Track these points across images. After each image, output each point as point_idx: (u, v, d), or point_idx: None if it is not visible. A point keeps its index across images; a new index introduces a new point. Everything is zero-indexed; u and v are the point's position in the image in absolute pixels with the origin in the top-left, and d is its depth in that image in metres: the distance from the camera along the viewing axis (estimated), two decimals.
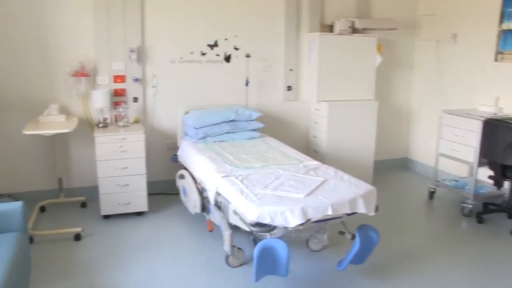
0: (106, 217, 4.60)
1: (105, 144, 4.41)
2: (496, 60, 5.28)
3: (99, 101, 4.72)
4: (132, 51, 4.88)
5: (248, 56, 5.36)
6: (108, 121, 4.94)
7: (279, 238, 3.14)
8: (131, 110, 5.04)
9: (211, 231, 4.09)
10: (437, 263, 3.90)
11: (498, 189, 4.92)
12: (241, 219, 3.31)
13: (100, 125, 4.77)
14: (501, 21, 5.19)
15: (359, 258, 3.46)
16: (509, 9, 5.09)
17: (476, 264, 3.92)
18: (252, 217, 3.04)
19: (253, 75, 5.47)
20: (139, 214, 4.68)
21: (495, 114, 5.02)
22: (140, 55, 4.97)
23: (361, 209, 3.27)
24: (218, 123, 4.82)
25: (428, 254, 4.06)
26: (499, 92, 5.23)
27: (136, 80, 5.00)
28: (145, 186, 4.58)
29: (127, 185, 4.50)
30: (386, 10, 6.06)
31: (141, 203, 4.61)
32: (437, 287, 3.51)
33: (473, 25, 5.52)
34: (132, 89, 5.03)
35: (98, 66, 4.87)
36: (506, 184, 4.82)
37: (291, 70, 5.62)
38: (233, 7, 5.28)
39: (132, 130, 4.60)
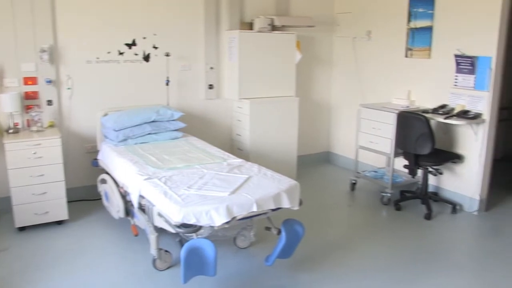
0: (22, 229, 4.33)
1: (16, 151, 4.16)
2: (406, 56, 5.55)
3: (7, 105, 4.45)
4: (43, 51, 4.65)
5: (167, 55, 5.28)
6: (19, 126, 4.66)
7: (206, 237, 3.14)
8: (45, 114, 4.80)
9: (136, 235, 4.00)
10: (361, 251, 4.04)
11: (413, 177, 5.18)
12: (166, 221, 3.27)
13: (11, 131, 4.50)
14: (409, 20, 5.45)
15: (286, 252, 3.51)
16: (415, 9, 5.37)
17: (396, 249, 4.11)
18: (177, 219, 3.00)
19: (173, 74, 5.39)
20: (59, 223, 4.47)
21: (408, 106, 5.27)
22: (53, 55, 4.74)
23: (285, 204, 3.32)
24: (139, 124, 4.71)
25: (352, 243, 4.20)
26: (410, 86, 5.49)
27: (49, 82, 4.77)
28: (64, 193, 4.39)
29: (44, 193, 4.29)
30: (305, 7, 6.18)
31: (60, 211, 4.41)
32: (362, 274, 3.64)
33: (385, 23, 5.77)
34: (46, 91, 4.79)
35: (4, 67, 4.58)
36: (420, 172, 5.06)
37: (211, 68, 5.60)
38: (151, 5, 5.17)
39: (47, 135, 4.38)
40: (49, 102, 4.82)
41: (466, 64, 4.87)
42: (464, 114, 4.78)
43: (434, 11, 5.17)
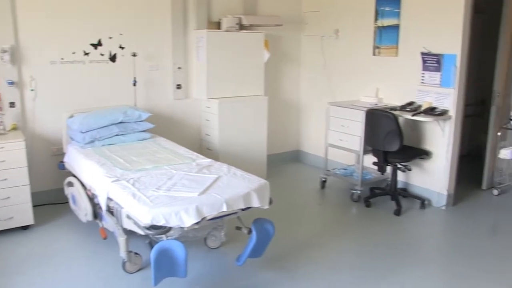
0: None
1: None
2: (374, 54, 5.60)
3: None
4: (4, 51, 4.51)
5: (134, 55, 5.20)
6: None
7: (176, 239, 3.11)
8: (8, 117, 4.65)
9: (105, 238, 3.92)
10: (331, 248, 4.06)
11: (382, 174, 5.24)
12: (135, 223, 3.21)
13: None
14: (376, 19, 5.51)
15: (257, 251, 3.51)
16: (382, 8, 5.43)
17: (366, 245, 4.15)
18: (146, 220, 2.96)
19: (140, 74, 5.32)
20: (25, 228, 4.35)
21: (376, 104, 5.32)
22: (15, 55, 4.61)
23: (255, 203, 3.32)
24: (106, 126, 4.63)
25: (322, 240, 4.22)
26: (378, 83, 5.55)
27: (11, 83, 4.63)
28: (29, 197, 4.27)
29: (8, 198, 4.17)
30: (272, 6, 6.18)
31: (25, 216, 4.29)
32: (332, 271, 3.66)
33: (353, 22, 5.81)
34: (7, 93, 4.64)
35: None
36: (389, 168, 5.11)
37: (179, 68, 5.55)
38: (117, 4, 5.08)
39: (10, 138, 4.25)
40: (12, 104, 4.69)
41: (432, 61, 4.94)
42: (431, 111, 4.85)
43: (401, 10, 5.23)
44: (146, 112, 4.91)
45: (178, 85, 5.59)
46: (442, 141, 4.98)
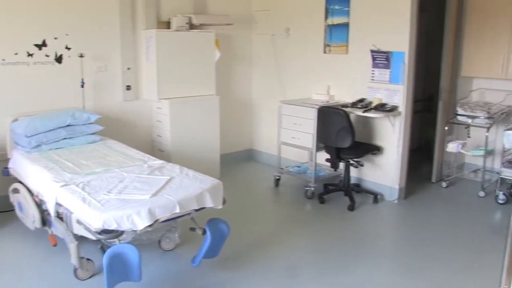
0: None
1: None
2: (324, 52, 5.66)
3: None
4: None
5: (81, 56, 5.04)
6: None
7: (129, 242, 3.06)
8: None
9: (55, 245, 3.79)
10: (287, 245, 4.07)
11: (335, 170, 5.29)
12: (86, 228, 3.13)
13: None
14: (326, 17, 5.56)
15: (212, 252, 3.48)
16: (331, 6, 5.49)
17: (322, 241, 4.19)
18: (97, 225, 2.89)
19: (88, 75, 5.17)
20: None
21: (327, 101, 5.38)
22: None
23: (208, 203, 3.30)
24: (53, 129, 4.47)
25: (277, 238, 4.23)
26: (330, 81, 5.61)
27: None
28: None
29: None
30: (223, 5, 6.14)
31: None
32: (288, 268, 3.67)
33: (303, 20, 5.85)
34: None
35: None
36: (342, 165, 5.17)
37: (129, 69, 5.43)
38: (62, 3, 4.91)
39: None
40: None
41: (382, 59, 5.03)
42: (381, 107, 4.94)
43: (350, 9, 5.31)
44: (95, 114, 4.78)
45: (128, 86, 5.47)
46: (392, 136, 5.08)
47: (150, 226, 2.96)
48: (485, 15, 5.40)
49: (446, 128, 5.61)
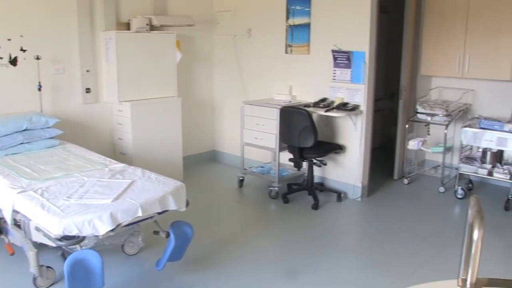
0: None
1: None
2: (286, 52, 5.68)
3: None
4: None
5: (38, 58, 4.90)
6: None
7: (91, 248, 2.99)
8: None
9: (12, 254, 3.68)
10: (252, 246, 4.07)
11: (298, 170, 5.32)
12: (46, 235, 3.04)
13: None
14: (287, 17, 5.59)
15: (176, 255, 3.45)
16: (293, 7, 5.51)
17: (286, 240, 4.21)
18: (57, 231, 2.82)
19: (46, 78, 5.03)
20: None
21: (290, 101, 5.40)
22: None
23: (171, 206, 3.26)
24: (9, 134, 4.32)
25: (242, 239, 4.22)
26: (292, 81, 5.64)
27: None
28: None
29: None
30: (184, 6, 6.09)
31: None
32: (254, 268, 3.67)
33: (265, 21, 5.86)
34: None
35: None
36: (305, 164, 5.20)
37: (88, 71, 5.32)
38: (15, 3, 4.76)
39: None
40: None
41: (343, 59, 5.08)
42: (343, 106, 4.99)
43: (311, 9, 5.34)
44: (53, 118, 4.66)
45: (88, 88, 5.36)
46: (354, 135, 5.14)
47: (112, 230, 2.92)
48: (442, 17, 5.53)
49: (406, 126, 5.71)
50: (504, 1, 5.04)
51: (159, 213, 3.24)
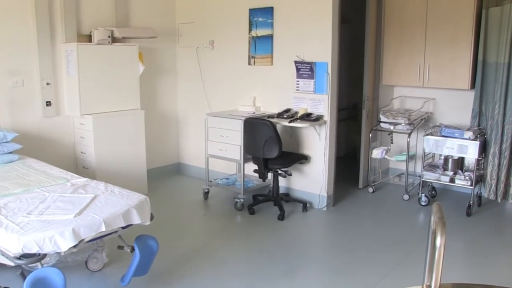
0: None
1: None
2: (249, 63, 5.69)
3: None
4: None
5: None
6: None
7: (53, 265, 2.91)
8: None
9: None
10: (218, 259, 4.03)
11: (264, 181, 5.31)
12: (3, 253, 2.93)
13: None
14: (250, 29, 5.61)
15: (141, 269, 3.39)
16: (255, 19, 5.54)
17: (253, 252, 4.18)
18: (16, 249, 2.74)
19: (3, 91, 4.90)
20: None
21: (254, 113, 5.40)
22: None
23: (136, 220, 3.21)
24: None
25: (208, 251, 4.18)
26: (255, 92, 5.65)
27: None
28: None
29: None
30: (146, 18, 6.04)
31: None
32: (220, 281, 3.64)
33: (227, 32, 5.87)
34: None
35: None
36: (270, 175, 5.20)
37: (48, 84, 5.20)
38: None
39: None
40: None
41: (306, 69, 5.13)
42: (307, 117, 5.02)
43: (273, 20, 5.38)
44: (12, 132, 4.54)
45: (48, 102, 5.24)
46: (319, 145, 5.17)
47: (75, 246, 2.85)
48: (401, 28, 5.65)
49: (370, 135, 5.79)
50: (460, 13, 5.19)
51: (123, 228, 3.19)
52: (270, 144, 4.80)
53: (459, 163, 5.31)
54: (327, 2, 4.90)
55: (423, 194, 5.32)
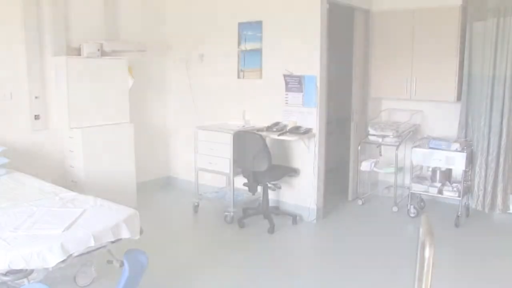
0: None
1: None
2: (239, 77, 5.72)
3: None
4: None
5: None
6: None
7: (41, 281, 2.88)
8: None
9: None
10: (208, 272, 4.02)
11: (253, 194, 5.30)
12: None
13: None
14: (239, 43, 5.64)
15: (131, 284, 3.32)
16: (244, 33, 5.58)
17: (243, 265, 4.18)
18: (2, 266, 2.69)
19: None
20: None
21: (243, 126, 5.41)
22: None
23: (125, 234, 3.20)
24: None
25: (198, 265, 4.16)
26: (245, 106, 5.66)
27: None
28: None
29: None
30: (135, 32, 6.04)
31: None
32: None
33: (217, 46, 5.90)
34: None
35: None
36: (260, 188, 5.20)
37: (36, 97, 5.18)
38: None
39: None
40: None
41: (294, 83, 5.16)
42: (296, 130, 5.04)
43: (262, 34, 5.42)
44: None
45: (37, 115, 5.21)
46: (308, 157, 5.19)
47: (63, 262, 2.83)
48: (388, 42, 5.77)
49: (359, 147, 5.82)
50: (445, 27, 5.30)
51: (112, 242, 3.17)
52: (259, 157, 4.81)
53: (447, 175, 5.35)
54: (315, 16, 4.94)
55: (412, 206, 5.35)
